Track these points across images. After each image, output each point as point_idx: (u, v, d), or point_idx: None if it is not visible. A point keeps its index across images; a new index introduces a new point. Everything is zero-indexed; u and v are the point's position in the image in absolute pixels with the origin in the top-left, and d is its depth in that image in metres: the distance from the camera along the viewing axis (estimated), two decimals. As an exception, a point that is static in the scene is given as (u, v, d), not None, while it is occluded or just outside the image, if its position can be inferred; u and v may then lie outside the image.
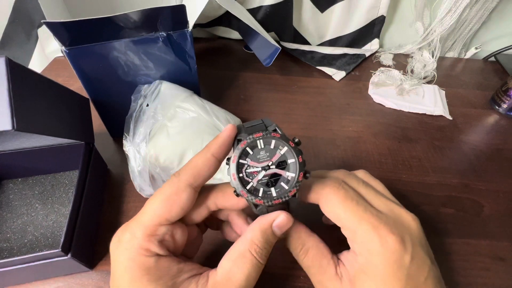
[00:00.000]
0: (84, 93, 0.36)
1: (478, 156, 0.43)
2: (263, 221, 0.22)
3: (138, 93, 0.36)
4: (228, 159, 0.22)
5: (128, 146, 0.33)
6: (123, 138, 0.34)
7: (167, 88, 0.37)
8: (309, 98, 0.52)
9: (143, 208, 0.22)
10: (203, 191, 0.24)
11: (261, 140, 0.21)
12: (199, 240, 0.27)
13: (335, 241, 0.25)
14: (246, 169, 0.21)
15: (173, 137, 0.34)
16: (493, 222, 0.36)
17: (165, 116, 0.34)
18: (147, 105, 0.35)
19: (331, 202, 0.23)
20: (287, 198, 0.21)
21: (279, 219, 0.22)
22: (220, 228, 0.28)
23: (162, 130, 0.34)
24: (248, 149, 0.21)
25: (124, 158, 0.35)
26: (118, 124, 0.37)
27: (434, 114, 0.50)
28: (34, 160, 0.36)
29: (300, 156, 0.21)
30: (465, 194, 0.39)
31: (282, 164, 0.22)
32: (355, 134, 0.46)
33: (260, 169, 0.21)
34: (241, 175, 0.21)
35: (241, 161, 0.21)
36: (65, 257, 0.27)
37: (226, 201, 0.24)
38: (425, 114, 0.50)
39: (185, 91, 0.37)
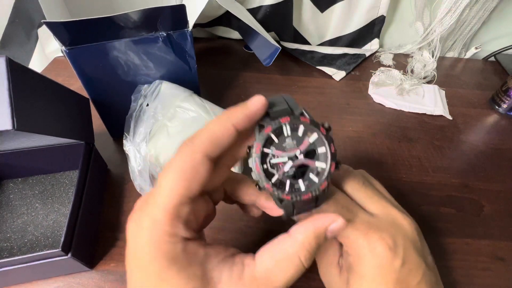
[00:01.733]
0: (84, 93, 0.36)
1: (478, 156, 0.43)
2: (319, 223, 0.19)
3: (138, 93, 0.36)
4: (249, 147, 0.19)
5: (128, 146, 0.33)
6: (123, 138, 0.34)
7: (167, 88, 0.37)
8: (309, 98, 0.52)
9: (157, 187, 0.19)
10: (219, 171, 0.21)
11: (288, 126, 0.19)
12: (212, 214, 0.24)
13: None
14: (271, 159, 0.19)
15: (173, 137, 0.34)
16: (493, 222, 0.36)
17: (165, 116, 0.34)
18: (147, 105, 0.35)
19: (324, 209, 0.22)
20: (318, 193, 0.19)
21: (337, 224, 0.19)
22: (239, 204, 0.25)
23: (162, 130, 0.34)
24: (272, 136, 0.18)
25: (124, 158, 0.35)
26: (118, 124, 0.37)
27: (434, 114, 0.50)
28: (34, 160, 0.36)
29: (332, 144, 0.19)
30: (465, 194, 0.39)
31: (311, 153, 0.19)
32: (355, 134, 0.46)
33: (286, 159, 0.19)
34: (265, 166, 0.18)
35: (265, 150, 0.18)
36: (65, 257, 0.27)
37: (246, 194, 0.23)
38: (425, 114, 0.50)
39: (185, 91, 0.38)
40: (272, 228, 0.34)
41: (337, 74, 0.57)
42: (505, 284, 0.31)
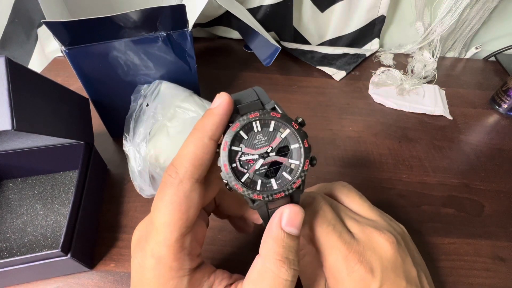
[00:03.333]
0: (84, 93, 0.36)
1: (478, 156, 0.43)
2: (271, 227, 0.19)
3: (138, 93, 0.36)
4: (218, 145, 0.18)
5: (128, 146, 0.33)
6: (123, 138, 0.34)
7: (167, 88, 0.37)
8: (309, 98, 0.52)
9: (153, 222, 0.18)
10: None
11: (258, 122, 0.18)
12: (205, 231, 0.24)
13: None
14: (240, 157, 0.18)
15: (173, 137, 0.33)
16: (493, 222, 0.36)
17: (165, 116, 0.34)
18: (147, 105, 0.35)
19: (309, 224, 0.21)
20: (290, 191, 0.18)
21: (285, 215, 0.18)
22: (230, 220, 0.25)
23: (162, 130, 0.34)
24: (241, 132, 0.18)
25: (124, 158, 0.35)
26: (118, 124, 0.37)
27: (434, 114, 0.50)
28: (34, 160, 0.36)
29: (306, 140, 0.18)
30: (465, 194, 0.39)
31: (283, 150, 0.18)
32: (355, 134, 0.46)
33: (257, 156, 0.18)
34: (234, 165, 0.17)
35: (233, 147, 0.17)
36: (65, 257, 0.27)
37: (232, 205, 0.23)
38: (425, 114, 0.50)
39: (185, 91, 0.37)
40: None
41: (337, 74, 0.57)
42: (505, 284, 0.31)
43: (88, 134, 0.35)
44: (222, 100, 0.18)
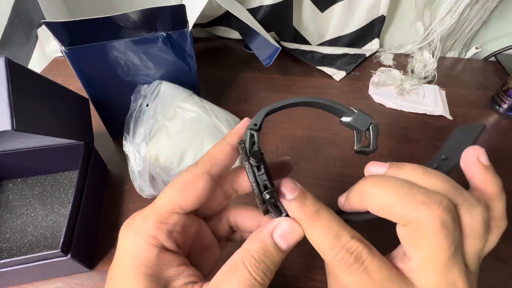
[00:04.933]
0: (83, 93, 0.36)
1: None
2: (263, 228, 0.19)
3: (138, 93, 0.36)
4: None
5: (128, 146, 0.33)
6: (123, 138, 0.34)
7: (166, 88, 0.37)
8: (309, 98, 0.52)
9: (158, 196, 0.20)
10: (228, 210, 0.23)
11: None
12: (215, 254, 0.23)
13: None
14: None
15: (173, 137, 0.33)
16: (493, 223, 0.36)
17: (165, 116, 0.34)
18: (147, 105, 0.35)
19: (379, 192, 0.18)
20: (266, 205, 0.18)
21: (281, 227, 0.18)
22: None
23: (162, 130, 0.34)
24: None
25: (124, 158, 0.35)
26: (118, 124, 0.36)
27: (434, 114, 0.50)
28: (34, 160, 0.36)
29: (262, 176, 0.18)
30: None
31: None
32: (355, 134, 0.46)
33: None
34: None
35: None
36: (65, 258, 0.27)
37: (249, 219, 0.22)
38: (425, 114, 0.50)
39: (185, 91, 0.37)
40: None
41: (337, 74, 0.57)
42: (505, 284, 0.31)
43: (88, 134, 0.35)
44: (244, 121, 0.22)
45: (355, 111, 0.22)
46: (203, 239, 0.22)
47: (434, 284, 0.16)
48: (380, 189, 0.17)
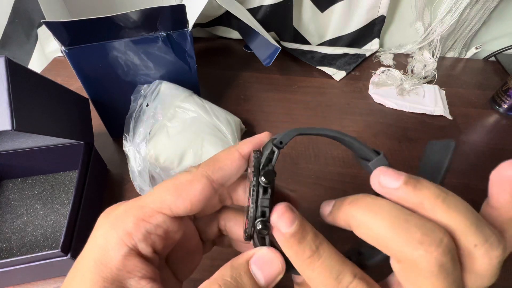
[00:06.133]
0: (83, 93, 0.36)
1: (478, 156, 0.43)
2: (241, 254, 0.17)
3: (138, 93, 0.36)
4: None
5: (128, 146, 0.33)
6: (123, 138, 0.34)
7: (167, 88, 0.37)
8: (309, 98, 0.52)
9: (149, 191, 0.18)
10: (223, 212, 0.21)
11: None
12: (197, 258, 0.22)
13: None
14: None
15: (173, 137, 0.34)
16: (493, 222, 0.36)
17: (165, 116, 0.34)
18: (147, 105, 0.35)
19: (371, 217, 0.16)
20: (251, 232, 0.16)
21: (258, 255, 0.16)
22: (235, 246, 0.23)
23: (162, 130, 0.34)
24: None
25: (124, 158, 0.35)
26: (118, 124, 0.37)
27: (434, 114, 0.50)
28: (34, 160, 0.36)
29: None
30: (465, 194, 0.38)
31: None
32: (355, 134, 0.46)
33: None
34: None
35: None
36: (65, 257, 0.27)
37: (236, 226, 0.20)
38: (425, 114, 0.50)
39: (185, 91, 0.37)
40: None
41: (337, 74, 0.57)
42: (505, 284, 0.31)
43: (88, 134, 0.35)
44: (265, 134, 0.19)
45: (378, 156, 0.19)
46: (187, 244, 0.20)
47: None
48: (373, 218, 0.15)
